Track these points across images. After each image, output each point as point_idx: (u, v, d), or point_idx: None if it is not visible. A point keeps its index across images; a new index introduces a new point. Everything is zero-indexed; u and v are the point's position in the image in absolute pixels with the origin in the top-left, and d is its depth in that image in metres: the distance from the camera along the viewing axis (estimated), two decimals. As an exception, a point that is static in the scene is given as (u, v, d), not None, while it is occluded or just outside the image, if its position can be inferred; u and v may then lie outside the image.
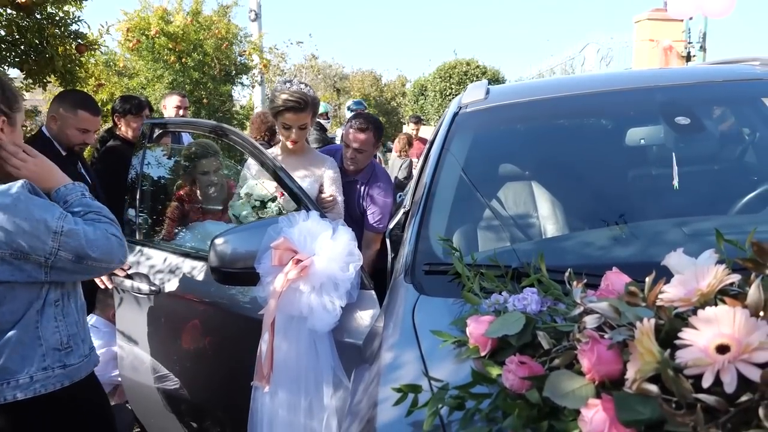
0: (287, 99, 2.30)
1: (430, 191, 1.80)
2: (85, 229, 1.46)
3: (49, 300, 1.51)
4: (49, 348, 1.50)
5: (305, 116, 2.37)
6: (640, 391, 0.75)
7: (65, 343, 1.53)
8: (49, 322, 1.50)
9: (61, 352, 1.52)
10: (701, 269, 0.85)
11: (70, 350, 1.55)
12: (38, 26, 3.43)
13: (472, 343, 1.10)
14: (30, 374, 1.47)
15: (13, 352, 1.45)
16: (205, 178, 2.64)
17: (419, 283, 1.50)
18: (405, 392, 0.99)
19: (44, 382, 1.49)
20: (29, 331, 1.47)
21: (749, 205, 1.76)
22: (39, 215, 1.41)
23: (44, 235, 1.40)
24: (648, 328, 0.77)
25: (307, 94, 2.34)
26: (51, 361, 1.50)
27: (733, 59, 2.42)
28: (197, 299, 2.19)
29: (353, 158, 2.72)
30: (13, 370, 1.45)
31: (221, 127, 2.11)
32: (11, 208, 1.38)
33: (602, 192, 1.86)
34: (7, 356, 1.44)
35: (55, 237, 1.41)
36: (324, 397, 1.64)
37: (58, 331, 1.52)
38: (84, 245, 1.44)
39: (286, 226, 1.69)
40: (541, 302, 1.13)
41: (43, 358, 1.49)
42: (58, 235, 1.41)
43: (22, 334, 1.46)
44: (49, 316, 1.51)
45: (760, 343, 0.68)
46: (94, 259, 1.47)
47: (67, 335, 1.54)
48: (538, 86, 2.83)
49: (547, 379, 0.85)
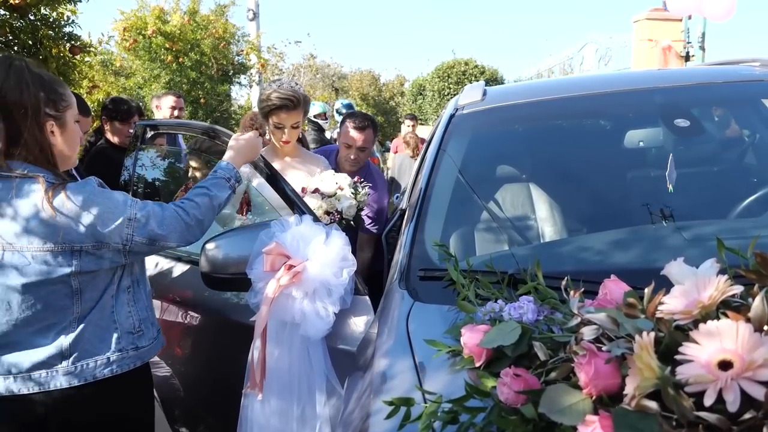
0: (278, 97, 2.27)
1: (426, 194, 1.77)
2: (156, 212, 1.56)
3: (122, 286, 1.61)
4: (123, 331, 1.60)
5: (297, 114, 2.33)
6: (639, 408, 0.72)
7: (137, 327, 1.63)
8: (123, 307, 1.61)
9: (133, 335, 1.62)
10: (702, 280, 0.82)
11: (142, 333, 1.65)
12: (32, 27, 3.40)
13: (466, 353, 1.07)
14: (107, 355, 1.57)
15: (92, 336, 1.55)
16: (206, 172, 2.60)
17: (414, 289, 1.47)
18: (397, 405, 0.96)
19: (120, 362, 1.59)
20: (105, 316, 1.57)
21: (750, 209, 1.73)
22: (113, 206, 1.50)
23: (120, 224, 1.49)
24: (647, 343, 0.74)
25: (298, 92, 2.31)
26: (125, 344, 1.60)
27: (732, 60, 2.40)
28: (189, 304, 2.16)
29: (356, 158, 2.69)
30: (93, 352, 1.55)
31: (213, 128, 2.08)
32: (87, 203, 1.46)
33: (600, 195, 1.83)
34: (87, 339, 1.54)
35: (129, 223, 1.51)
36: (317, 404, 1.61)
37: (131, 316, 1.62)
38: (155, 228, 1.54)
39: (278, 231, 1.66)
40: (537, 311, 1.10)
41: (119, 341, 1.59)
42: (132, 222, 1.51)
43: (99, 318, 1.56)
44: (123, 301, 1.61)
45: (765, 359, 0.65)
46: (165, 239, 1.56)
47: (139, 319, 1.64)
48: (535, 87, 2.80)
49: (544, 393, 0.82)
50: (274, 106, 2.28)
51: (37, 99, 1.44)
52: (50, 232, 1.43)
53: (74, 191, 1.47)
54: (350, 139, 2.68)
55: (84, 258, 1.48)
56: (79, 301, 1.51)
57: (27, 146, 1.45)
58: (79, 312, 1.52)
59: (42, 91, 1.46)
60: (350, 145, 2.69)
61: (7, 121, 1.42)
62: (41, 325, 1.50)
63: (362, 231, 2.61)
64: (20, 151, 1.45)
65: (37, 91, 1.45)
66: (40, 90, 1.46)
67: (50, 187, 1.44)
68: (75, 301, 1.51)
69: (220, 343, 2.10)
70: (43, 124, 1.46)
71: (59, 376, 1.51)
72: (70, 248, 1.46)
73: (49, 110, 1.47)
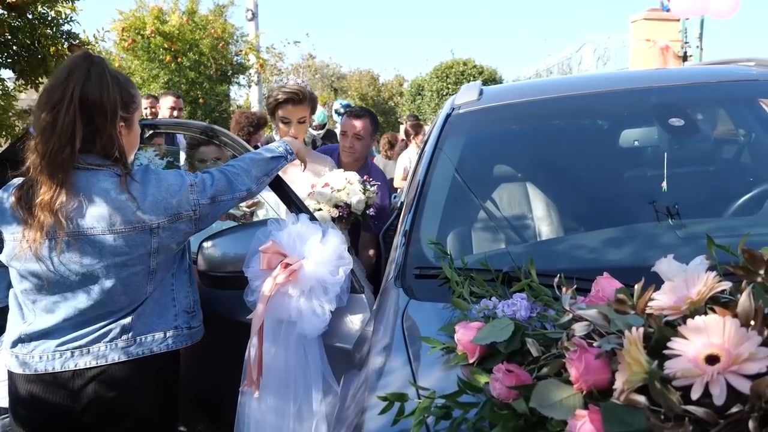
0: (285, 91, 2.30)
1: (422, 193, 1.78)
2: (205, 176, 1.64)
3: (183, 267, 1.68)
4: (180, 309, 1.66)
5: (304, 109, 2.35)
6: (628, 402, 0.73)
7: (192, 307, 1.69)
8: (183, 287, 1.67)
9: (189, 315, 1.68)
10: (691, 276, 0.83)
11: (195, 314, 1.70)
12: (30, 26, 3.40)
13: (460, 349, 1.08)
14: (164, 331, 1.62)
15: (152, 311, 1.61)
16: (203, 167, 2.61)
17: (409, 287, 1.48)
18: (391, 401, 0.97)
19: (175, 339, 1.64)
20: (166, 293, 1.63)
21: (745, 207, 1.74)
22: (173, 180, 1.58)
23: (185, 191, 1.57)
24: (636, 338, 0.75)
25: (304, 88, 2.34)
26: (181, 321, 1.65)
27: (728, 60, 2.41)
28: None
29: (351, 147, 2.70)
30: (152, 327, 1.61)
31: (212, 128, 2.09)
32: (154, 183, 1.54)
33: (595, 194, 1.84)
34: (147, 314, 1.60)
35: (192, 189, 1.58)
36: (313, 402, 1.62)
37: (189, 296, 1.69)
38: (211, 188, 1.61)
39: (275, 230, 1.67)
40: (530, 308, 1.11)
41: (176, 318, 1.64)
42: (195, 187, 1.59)
43: (160, 295, 1.62)
44: (183, 281, 1.67)
45: (750, 353, 0.66)
46: (221, 194, 1.63)
47: (194, 300, 1.71)
48: (531, 87, 2.82)
49: (534, 388, 0.83)
50: (281, 100, 2.31)
51: (114, 101, 1.49)
52: (128, 215, 1.49)
53: (140, 175, 1.55)
54: (346, 126, 2.70)
55: (162, 234, 1.54)
56: (152, 281, 1.58)
57: (103, 144, 1.50)
58: (151, 292, 1.59)
59: (119, 93, 1.51)
60: (346, 132, 2.71)
61: (86, 119, 1.46)
62: (116, 305, 1.55)
63: (363, 230, 2.62)
64: (97, 148, 1.50)
65: (115, 93, 1.50)
66: (118, 92, 1.51)
67: (122, 175, 1.51)
68: (150, 280, 1.58)
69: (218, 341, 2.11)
70: (117, 124, 1.52)
71: (117, 349, 1.56)
72: (148, 227, 1.52)
73: (122, 112, 1.53)
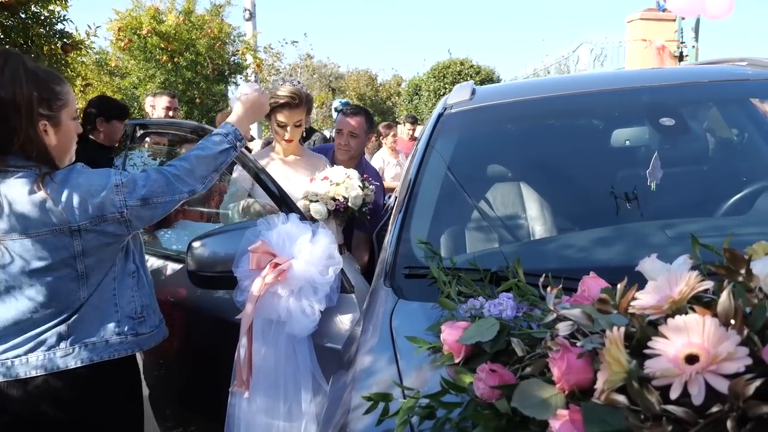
0: (280, 96, 2.28)
1: (413, 193, 1.78)
2: (139, 175, 1.57)
3: (127, 270, 1.61)
4: (124, 315, 1.60)
5: (300, 113, 2.35)
6: (608, 402, 0.73)
7: (139, 313, 1.63)
8: (126, 291, 1.61)
9: (134, 321, 1.62)
10: (674, 275, 0.83)
11: (143, 320, 1.64)
12: (23, 26, 3.39)
13: (446, 349, 1.08)
14: (105, 338, 1.57)
15: (92, 318, 1.55)
16: None
17: (399, 286, 1.47)
18: (376, 401, 0.97)
19: (117, 347, 1.58)
20: (107, 298, 1.57)
21: (736, 207, 1.74)
22: (97, 179, 1.51)
23: (110, 192, 1.50)
24: (617, 337, 0.74)
25: (300, 91, 2.33)
26: (125, 328, 1.60)
27: (720, 59, 2.41)
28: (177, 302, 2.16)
29: (347, 144, 2.69)
30: (91, 334, 1.55)
31: (202, 127, 2.09)
32: (73, 182, 1.48)
33: (586, 194, 1.84)
34: (86, 321, 1.55)
35: (118, 189, 1.51)
36: (303, 402, 1.62)
37: (133, 301, 1.62)
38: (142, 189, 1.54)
39: (264, 229, 1.67)
40: (516, 308, 1.11)
41: (118, 324, 1.59)
42: (120, 187, 1.51)
43: (99, 300, 1.56)
44: (126, 285, 1.61)
45: (729, 353, 0.66)
46: (156, 195, 1.56)
47: (141, 305, 1.64)
48: (524, 87, 2.82)
49: (516, 388, 0.83)
50: (276, 104, 2.30)
51: (30, 98, 1.43)
52: (45, 217, 1.44)
53: (62, 175, 1.49)
54: (341, 124, 2.70)
55: (85, 237, 1.49)
56: (85, 285, 1.53)
57: (22, 144, 1.44)
58: (86, 297, 1.54)
59: (36, 90, 1.44)
60: (341, 129, 2.71)
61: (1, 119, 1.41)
62: (47, 312, 1.51)
63: (357, 229, 2.62)
64: (15, 148, 1.45)
65: (31, 90, 1.43)
66: (34, 89, 1.44)
67: (39, 176, 1.46)
68: (81, 285, 1.52)
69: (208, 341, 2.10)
70: (36, 123, 1.45)
71: (57, 358, 1.51)
72: (68, 229, 1.46)
73: (43, 110, 1.45)
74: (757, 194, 1.75)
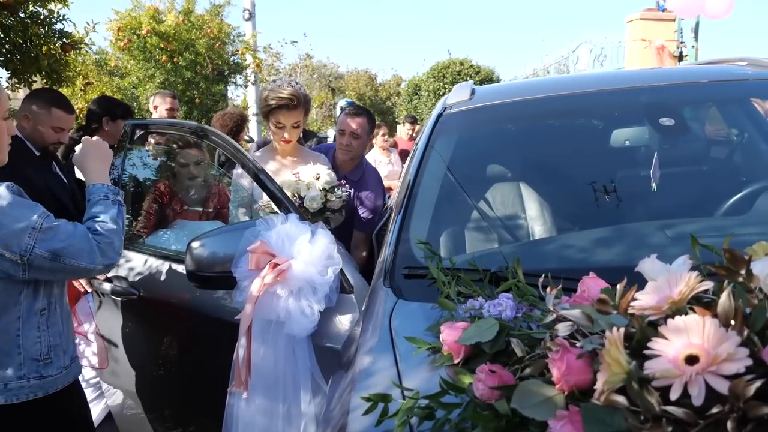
0: (279, 97, 2.28)
1: (412, 193, 1.78)
2: (66, 228, 1.45)
3: (34, 309, 1.50)
4: (27, 357, 1.49)
5: (298, 114, 2.34)
6: (607, 403, 0.73)
7: (45, 354, 1.53)
8: (31, 332, 1.50)
9: (39, 363, 1.52)
10: (674, 276, 0.82)
11: (50, 361, 1.54)
12: (22, 25, 3.39)
13: (445, 350, 1.07)
14: (5, 382, 1.46)
15: None
16: (185, 171, 2.60)
17: (398, 287, 1.47)
18: (375, 401, 0.97)
19: (17, 391, 1.49)
20: (8, 340, 1.46)
21: (736, 207, 1.74)
22: (18, 213, 1.40)
23: (21, 232, 1.39)
24: (616, 338, 0.74)
25: (298, 92, 2.32)
26: (27, 371, 1.49)
27: (720, 59, 2.41)
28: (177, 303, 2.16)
29: (348, 145, 2.69)
30: None
31: (202, 128, 2.09)
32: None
33: (586, 194, 1.83)
34: None
35: (33, 233, 1.40)
36: (302, 402, 1.62)
37: (39, 342, 1.51)
38: (60, 243, 1.42)
39: (263, 230, 1.67)
40: (516, 308, 1.11)
41: (20, 367, 1.48)
42: (36, 231, 1.40)
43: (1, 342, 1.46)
44: (32, 325, 1.50)
45: (729, 354, 0.66)
46: (71, 257, 1.44)
47: (48, 346, 1.54)
48: (523, 87, 2.82)
49: (516, 389, 0.83)
50: (274, 105, 2.29)
51: None
52: None
53: None
54: (343, 125, 2.70)
55: None
56: None
57: None
58: None
59: None
60: (343, 130, 2.71)
61: None
62: None
63: (357, 229, 2.62)
64: None
65: None
66: None
67: None
68: None
69: (206, 342, 2.10)
70: None
71: None
72: None
73: None
74: (756, 194, 1.75)
